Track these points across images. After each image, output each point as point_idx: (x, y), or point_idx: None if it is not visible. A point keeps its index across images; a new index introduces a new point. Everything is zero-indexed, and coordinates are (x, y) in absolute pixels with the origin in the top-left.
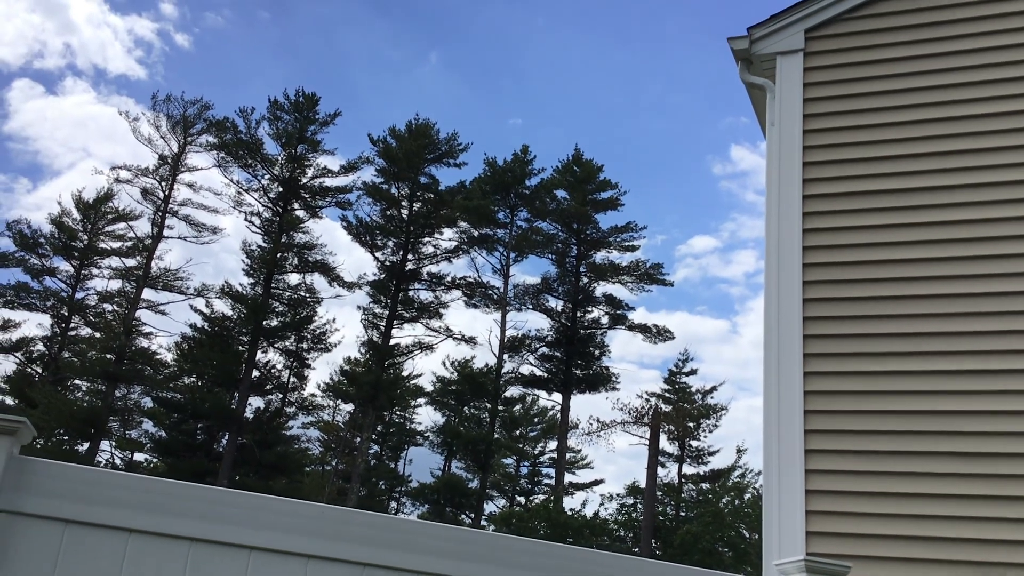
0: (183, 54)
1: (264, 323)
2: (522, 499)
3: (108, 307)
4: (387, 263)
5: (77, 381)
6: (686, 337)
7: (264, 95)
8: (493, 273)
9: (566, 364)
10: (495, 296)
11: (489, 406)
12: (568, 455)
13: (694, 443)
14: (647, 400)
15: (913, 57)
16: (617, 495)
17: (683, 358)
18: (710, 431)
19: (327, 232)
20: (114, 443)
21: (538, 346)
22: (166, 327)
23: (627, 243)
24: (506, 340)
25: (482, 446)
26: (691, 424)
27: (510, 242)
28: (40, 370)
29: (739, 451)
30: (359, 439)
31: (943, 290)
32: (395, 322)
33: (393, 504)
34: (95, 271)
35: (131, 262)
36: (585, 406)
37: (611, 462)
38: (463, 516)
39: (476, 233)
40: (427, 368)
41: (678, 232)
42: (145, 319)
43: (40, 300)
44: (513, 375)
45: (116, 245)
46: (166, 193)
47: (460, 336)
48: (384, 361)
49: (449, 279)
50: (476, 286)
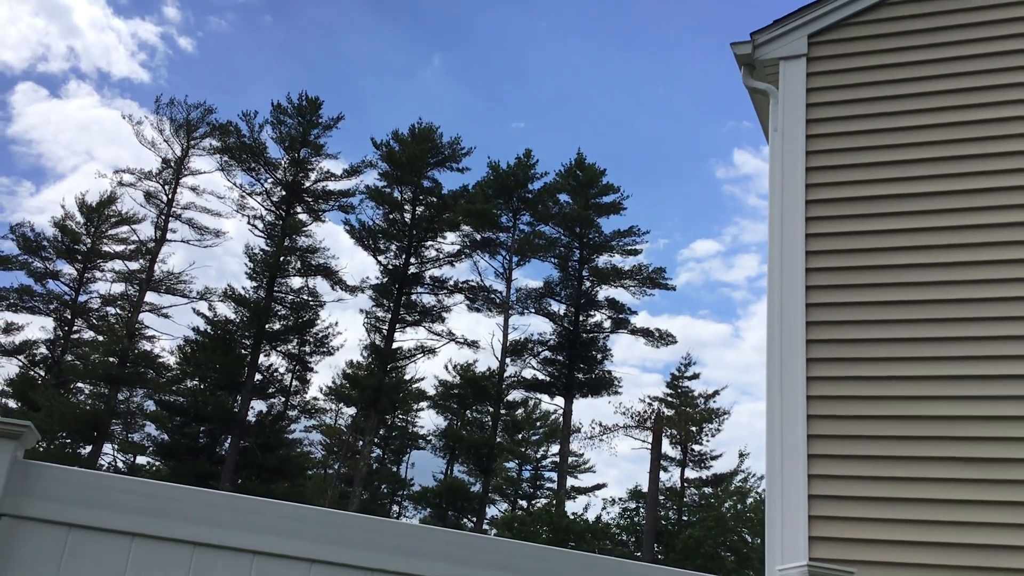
0: (186, 58)
1: (267, 326)
2: (524, 503)
3: (111, 310)
4: (390, 267)
5: (80, 384)
6: (688, 341)
7: (267, 99)
8: (495, 277)
9: (568, 368)
10: (497, 300)
11: (491, 410)
12: (570, 459)
13: (696, 447)
14: (649, 404)
15: (916, 62)
16: (619, 499)
17: (685, 362)
18: (712, 435)
19: (330, 236)
20: (116, 446)
21: (540, 350)
22: (169, 330)
23: (630, 247)
24: (508, 344)
25: (484, 450)
26: (693, 428)
27: (513, 246)
28: (43, 373)
29: (741, 455)
30: (361, 443)
31: (947, 295)
32: (397, 326)
33: (395, 508)
34: (98, 274)
35: (134, 265)
36: (587, 410)
37: (613, 466)
38: (465, 520)
39: (479, 237)
40: (429, 372)
41: (680, 236)
42: (148, 322)
43: (43, 303)
44: (515, 379)
45: (119, 248)
46: (169, 196)
47: (462, 340)
48: (386, 365)
49: (452, 283)
50: (479, 290)
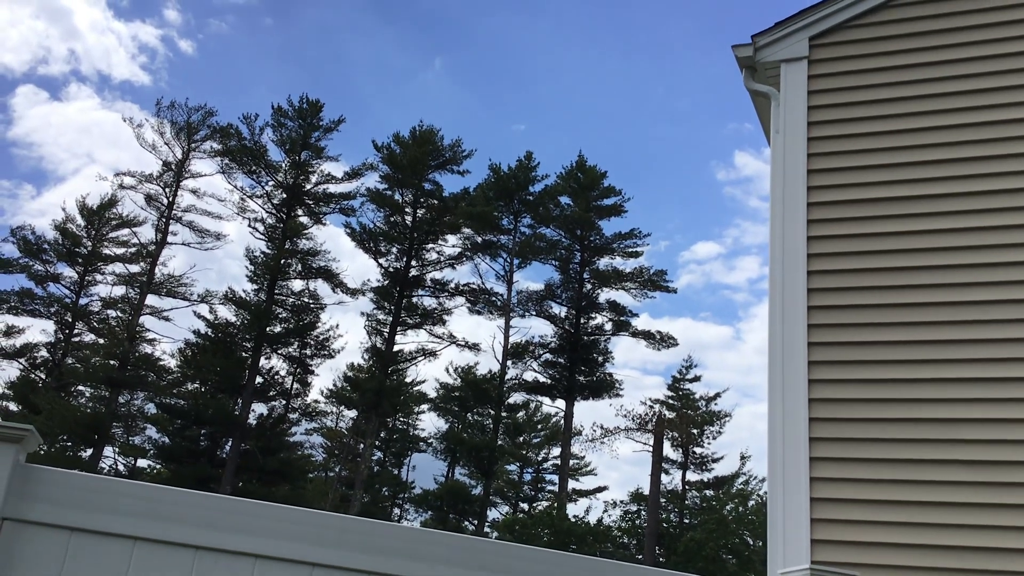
0: (187, 60)
1: (267, 329)
2: (525, 506)
3: (112, 313)
4: (391, 269)
5: (80, 387)
6: (689, 343)
7: (268, 101)
8: (496, 279)
9: (569, 370)
10: (498, 302)
11: (492, 412)
12: (572, 462)
13: (698, 450)
14: (651, 407)
15: (917, 65)
16: (621, 502)
17: (686, 364)
18: (714, 438)
19: (331, 238)
20: (117, 449)
21: (541, 352)
22: (169, 333)
23: (631, 249)
24: (509, 346)
25: (485, 452)
26: (695, 431)
27: (514, 248)
28: (44, 376)
29: (743, 458)
30: (362, 445)
31: (949, 298)
32: (398, 328)
33: (396, 511)
34: (99, 277)
35: (135, 268)
36: (589, 413)
37: (614, 469)
38: (466, 523)
39: (480, 239)
40: (430, 374)
41: (681, 238)
42: (149, 325)
43: (44, 306)
44: (516, 381)
45: (120, 251)
46: (170, 199)
47: (463, 342)
48: (387, 367)
49: (453, 285)
50: (480, 292)
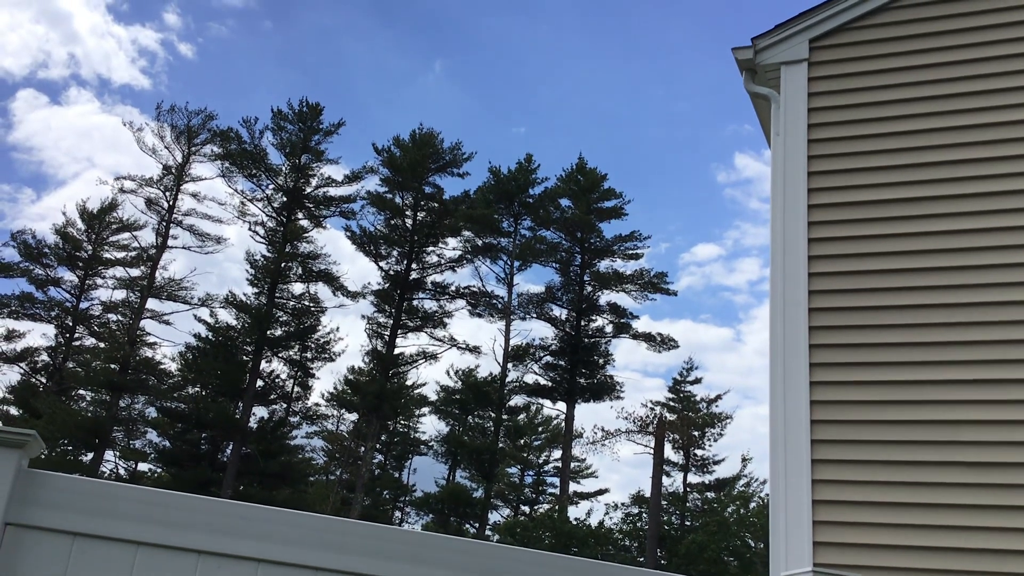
0: (187, 64)
1: (268, 333)
2: (527, 508)
3: (112, 317)
4: (391, 272)
5: (81, 391)
6: (690, 345)
7: (268, 105)
8: (497, 282)
9: (570, 373)
10: (499, 305)
11: (493, 415)
12: (572, 464)
13: (699, 452)
14: (651, 409)
15: (918, 67)
16: (622, 504)
17: (687, 367)
18: (715, 440)
19: (331, 242)
20: (118, 453)
21: (542, 355)
22: (170, 337)
23: (631, 252)
24: (510, 349)
25: (486, 455)
26: (696, 433)
27: (514, 251)
28: (44, 380)
29: (744, 460)
30: (363, 449)
31: (950, 299)
32: (399, 331)
33: (397, 514)
34: (99, 281)
35: (135, 272)
36: (589, 415)
37: (616, 471)
38: (467, 526)
39: (480, 242)
40: (431, 377)
41: (681, 240)
42: (149, 329)
43: (44, 310)
44: (517, 384)
45: (120, 255)
46: (170, 203)
47: (464, 345)
48: (388, 370)
49: (453, 288)
50: (480, 295)
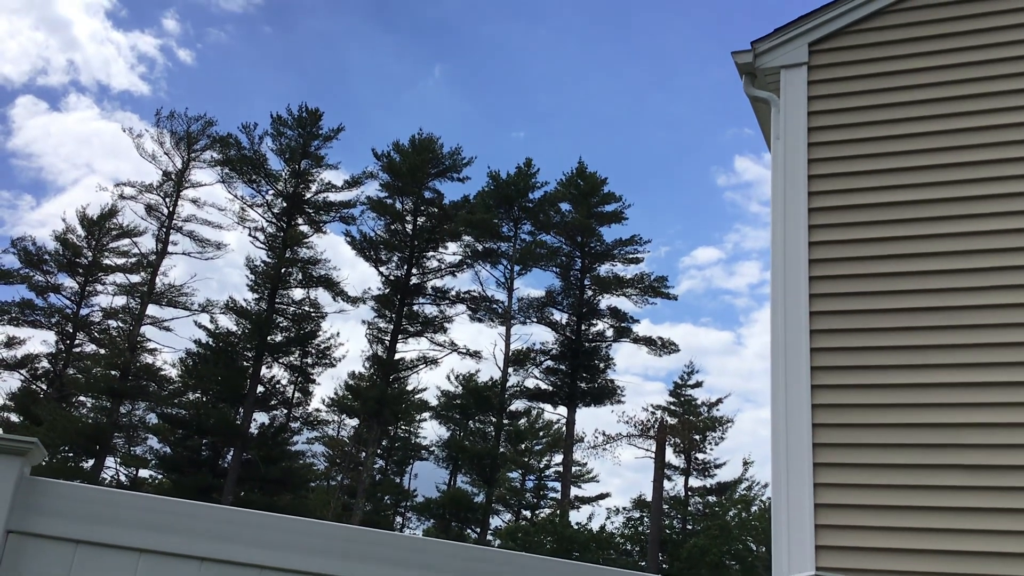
0: (186, 70)
1: (268, 338)
2: (528, 513)
3: (112, 323)
4: (391, 277)
5: (82, 398)
6: (691, 349)
7: (267, 110)
8: (497, 287)
9: (571, 377)
10: (499, 310)
11: (494, 420)
12: (574, 469)
13: (700, 456)
14: (652, 413)
15: (917, 70)
16: (623, 509)
17: (688, 370)
18: (716, 444)
19: (331, 247)
20: (119, 460)
21: (543, 359)
22: (170, 343)
23: (631, 256)
24: (511, 354)
25: (487, 460)
26: (697, 437)
27: (514, 256)
28: (45, 387)
29: (746, 464)
30: (364, 454)
31: (952, 302)
32: (399, 336)
33: (398, 519)
34: (99, 287)
35: (135, 278)
36: (590, 419)
37: (617, 475)
38: (469, 531)
39: (480, 247)
40: (432, 382)
41: (682, 243)
42: (149, 335)
43: (45, 317)
44: (518, 389)
45: (120, 261)
46: (170, 209)
47: (465, 350)
48: (389, 375)
49: (453, 293)
50: (480, 300)
